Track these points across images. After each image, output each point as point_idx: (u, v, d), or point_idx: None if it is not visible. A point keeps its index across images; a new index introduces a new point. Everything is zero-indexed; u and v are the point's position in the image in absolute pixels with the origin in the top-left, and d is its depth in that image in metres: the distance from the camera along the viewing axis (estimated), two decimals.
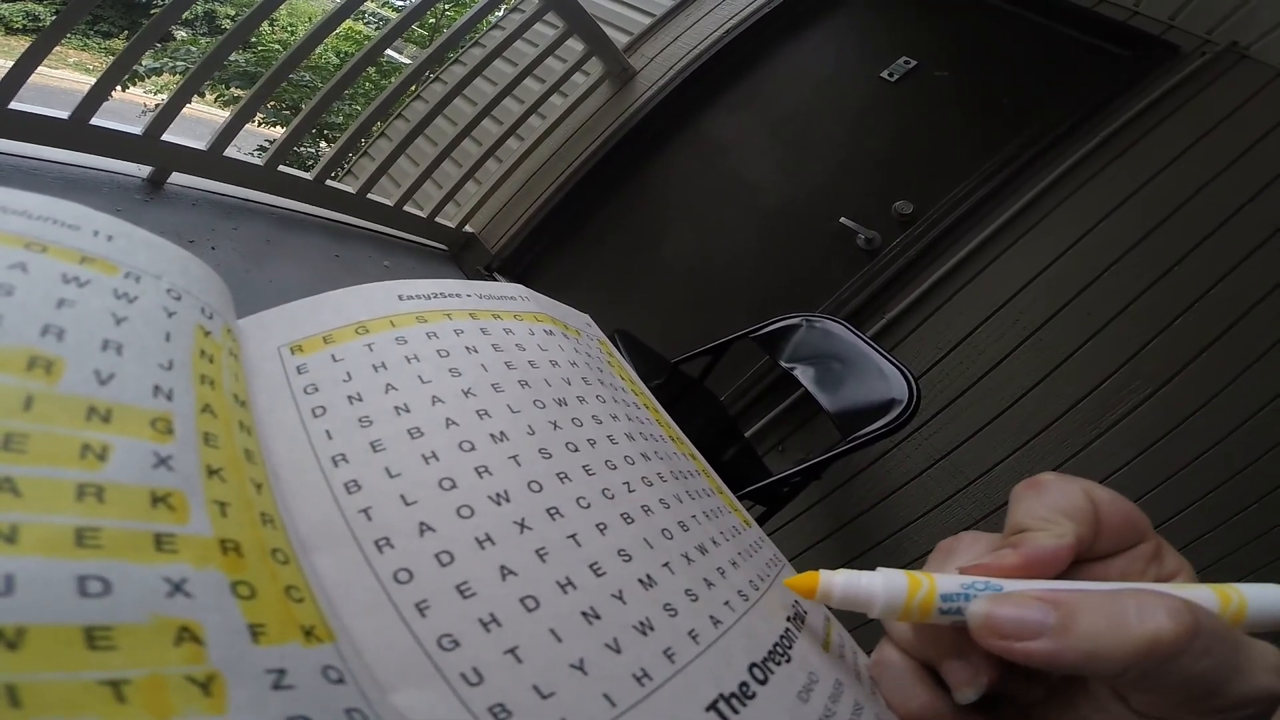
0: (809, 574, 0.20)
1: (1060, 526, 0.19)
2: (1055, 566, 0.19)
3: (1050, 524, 0.19)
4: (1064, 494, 0.20)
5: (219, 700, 0.11)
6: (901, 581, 0.19)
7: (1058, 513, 0.19)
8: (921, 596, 0.18)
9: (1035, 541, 0.19)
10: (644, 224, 2.09)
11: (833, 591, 0.19)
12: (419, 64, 1.94)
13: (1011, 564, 0.18)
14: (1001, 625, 0.17)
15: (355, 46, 5.71)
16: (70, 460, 0.12)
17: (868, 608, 0.19)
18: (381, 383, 0.19)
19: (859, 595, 0.19)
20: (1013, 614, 0.17)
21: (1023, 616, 0.17)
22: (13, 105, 1.32)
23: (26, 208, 0.16)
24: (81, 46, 8.05)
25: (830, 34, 2.02)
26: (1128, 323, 1.36)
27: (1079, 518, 0.19)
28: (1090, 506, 0.19)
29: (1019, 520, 0.20)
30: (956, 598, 0.18)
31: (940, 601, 0.18)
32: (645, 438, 0.23)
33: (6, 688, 0.10)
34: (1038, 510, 0.19)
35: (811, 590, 0.20)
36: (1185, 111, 1.43)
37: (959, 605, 0.18)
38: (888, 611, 0.19)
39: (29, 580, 0.11)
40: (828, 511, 1.54)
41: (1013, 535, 0.20)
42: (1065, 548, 0.19)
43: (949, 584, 0.19)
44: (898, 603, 0.19)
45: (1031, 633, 0.16)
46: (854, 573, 0.20)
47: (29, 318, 0.14)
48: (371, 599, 0.15)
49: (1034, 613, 0.17)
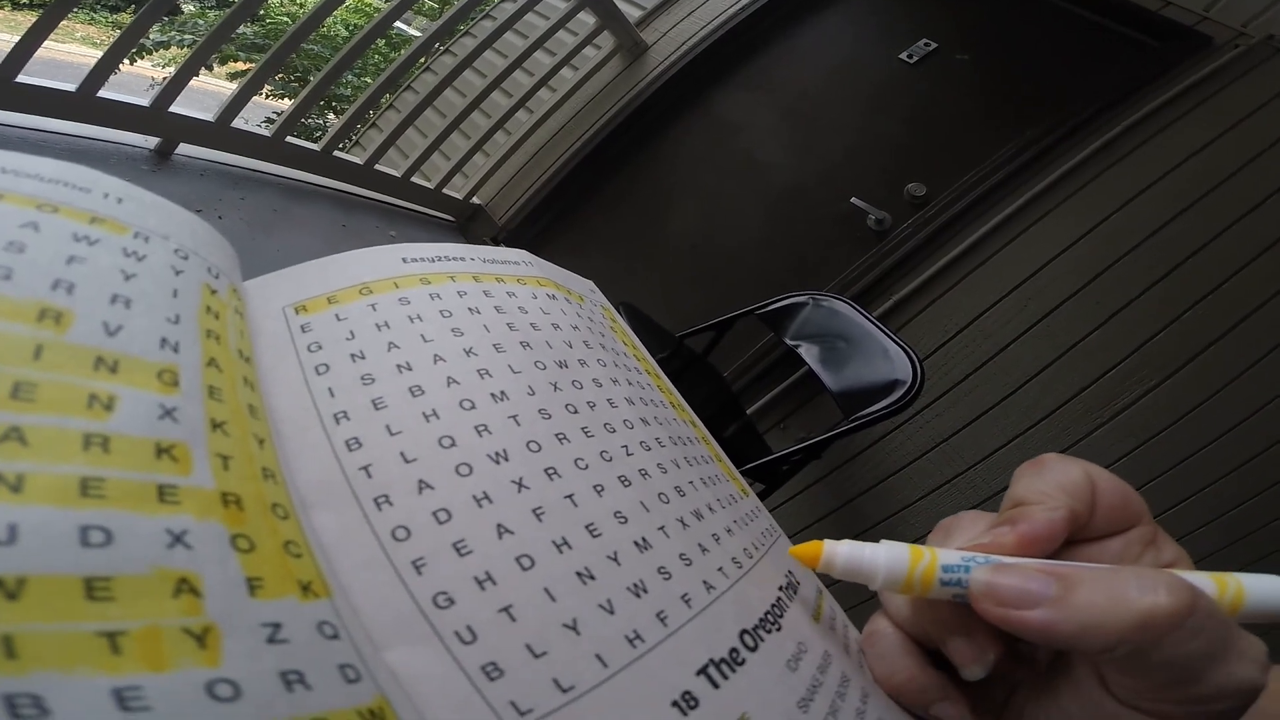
0: (813, 543, 0.20)
1: (1055, 500, 0.19)
2: (1051, 542, 0.19)
3: (1047, 498, 0.19)
4: (1063, 471, 0.20)
5: (214, 652, 0.11)
6: (904, 553, 0.19)
7: (1055, 488, 0.19)
8: (923, 568, 0.19)
9: (1030, 515, 0.19)
10: (651, 199, 2.07)
11: (835, 561, 0.19)
12: (428, 36, 1.92)
13: (1009, 542, 0.19)
14: (1002, 593, 0.17)
15: (364, 19, 5.65)
16: (78, 409, 0.13)
17: (869, 579, 0.19)
18: (384, 341, 0.19)
19: (861, 566, 0.19)
20: (1014, 582, 0.17)
21: (1023, 586, 0.17)
22: (20, 78, 1.32)
23: (39, 171, 0.16)
24: (89, 20, 7.98)
25: (849, 14, 1.98)
26: (1138, 312, 1.35)
27: (1075, 493, 0.19)
28: (1087, 484, 0.20)
29: (1017, 494, 0.20)
30: (957, 569, 0.18)
31: (941, 573, 0.18)
32: (645, 403, 0.23)
33: (4, 638, 0.10)
34: (1036, 486, 0.20)
35: (815, 559, 0.20)
36: (1213, 103, 1.39)
37: (960, 577, 0.18)
38: (889, 583, 0.19)
39: (32, 530, 0.11)
40: (827, 491, 1.54)
41: (1010, 509, 0.20)
42: (1059, 520, 0.19)
43: (950, 557, 0.19)
44: (899, 574, 0.19)
45: (1031, 602, 0.17)
46: (857, 544, 0.20)
47: (40, 272, 0.14)
48: (369, 556, 0.15)
49: (1034, 583, 0.17)
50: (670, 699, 0.16)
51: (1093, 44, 1.60)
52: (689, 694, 0.16)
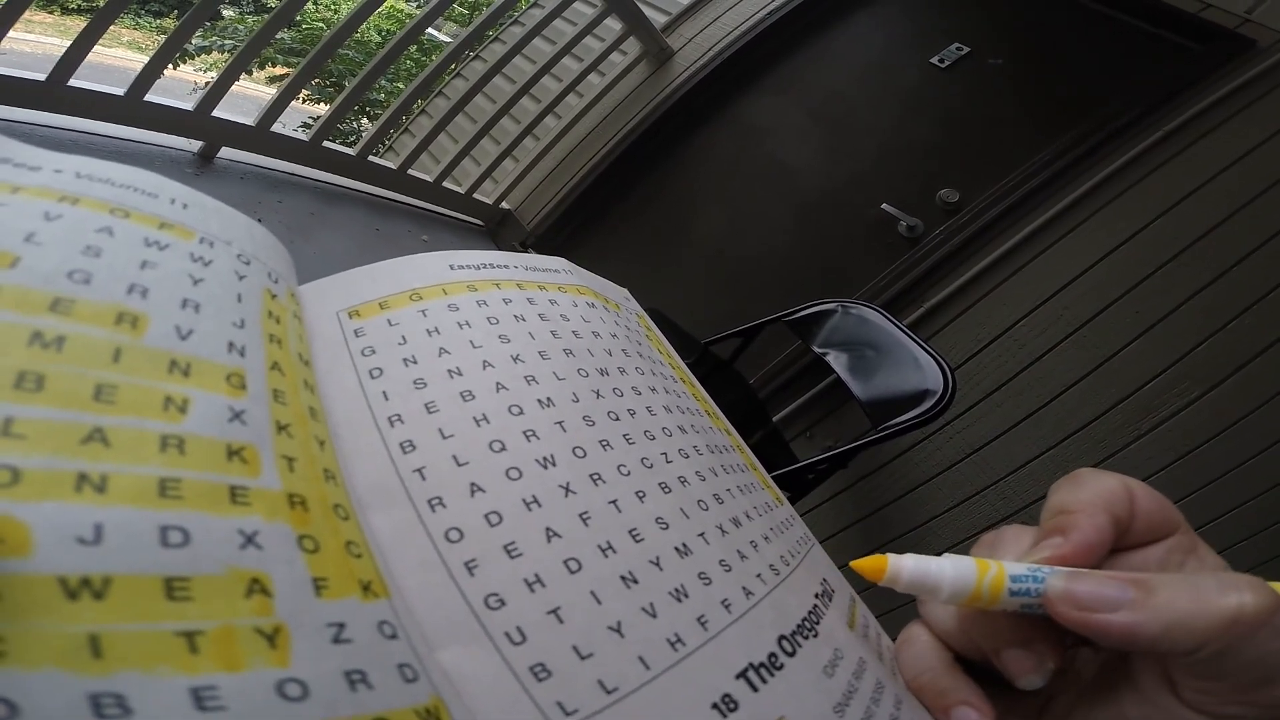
0: (876, 557, 0.20)
1: (1095, 508, 0.19)
2: (1102, 548, 0.19)
3: (1087, 507, 0.19)
4: (1099, 481, 0.20)
5: (283, 652, 0.11)
6: (970, 566, 0.19)
7: (1094, 498, 0.19)
8: (990, 579, 0.18)
9: (1078, 524, 0.19)
10: (678, 205, 2.07)
11: (901, 575, 0.19)
12: (459, 42, 1.95)
13: (1067, 551, 0.19)
14: (1081, 597, 0.17)
15: (397, 25, 5.75)
16: (154, 411, 0.13)
17: (934, 592, 0.19)
18: (435, 346, 0.20)
19: (927, 579, 0.19)
20: (1092, 588, 0.17)
21: (1102, 591, 0.17)
22: (71, 82, 1.37)
23: (110, 176, 0.17)
24: (134, 26, 8.28)
25: (878, 18, 1.97)
26: (1179, 323, 1.31)
27: (1113, 501, 0.19)
28: (1125, 492, 0.20)
29: (1057, 504, 0.20)
30: (1025, 579, 0.18)
31: (1010, 583, 0.18)
32: (682, 411, 0.24)
33: (90, 638, 0.10)
34: (1076, 496, 0.20)
35: (880, 572, 0.20)
36: (1257, 108, 1.35)
37: (1029, 587, 0.18)
38: (954, 595, 0.19)
39: (116, 529, 0.11)
40: (853, 500, 1.52)
41: (1052, 520, 0.20)
42: (1106, 527, 0.19)
43: (1017, 568, 0.19)
44: (967, 586, 0.19)
45: (1111, 605, 0.17)
46: (922, 557, 0.20)
47: (116, 276, 0.15)
48: (424, 557, 0.16)
49: (1112, 588, 0.17)
50: (711, 701, 0.16)
51: (1130, 47, 1.56)
52: (729, 697, 0.16)
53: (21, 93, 1.34)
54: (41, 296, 0.13)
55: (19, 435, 0.11)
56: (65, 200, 0.15)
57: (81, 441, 0.12)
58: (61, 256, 0.14)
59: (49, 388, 0.12)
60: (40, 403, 0.12)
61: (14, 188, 0.15)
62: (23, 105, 1.35)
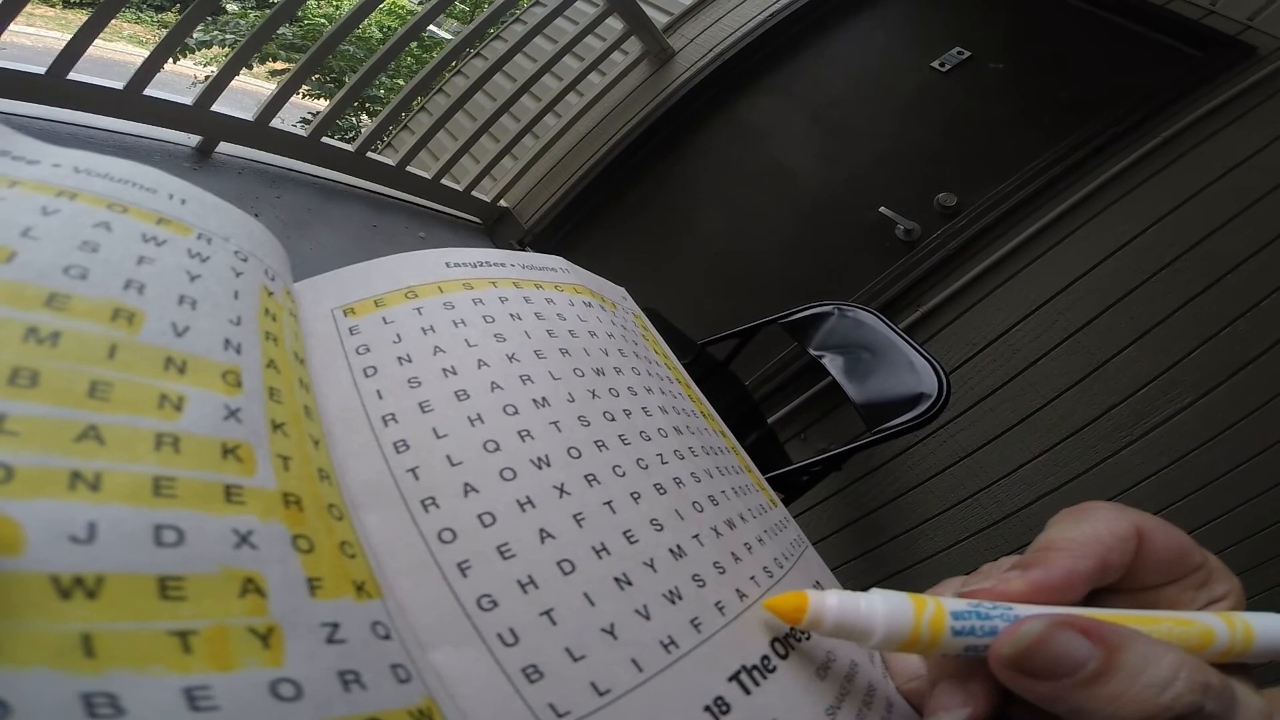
0: (794, 594, 0.18)
1: (1086, 549, 0.18)
2: (1068, 591, 0.17)
3: (1077, 546, 0.18)
4: (1106, 520, 0.18)
5: (277, 652, 0.11)
6: (904, 602, 0.17)
7: (1090, 538, 0.18)
8: (930, 618, 0.16)
9: (1049, 561, 0.18)
10: (677, 205, 2.07)
11: (824, 617, 0.17)
12: (460, 39, 1.95)
13: (1015, 589, 0.17)
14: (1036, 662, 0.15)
15: (398, 21, 5.74)
16: (150, 409, 0.13)
17: (866, 636, 0.17)
18: (430, 345, 0.20)
19: (857, 622, 0.17)
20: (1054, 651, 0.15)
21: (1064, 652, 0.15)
22: (71, 76, 1.36)
23: (109, 171, 0.17)
24: (135, 20, 8.23)
25: (880, 21, 1.97)
26: (1172, 329, 1.31)
27: (1113, 544, 0.18)
28: (1132, 535, 0.18)
29: (1047, 539, 0.18)
30: (968, 615, 0.16)
31: (952, 620, 0.16)
32: (678, 412, 0.24)
33: (83, 637, 0.10)
34: (1070, 533, 0.18)
35: (799, 613, 0.17)
36: (1255, 115, 1.35)
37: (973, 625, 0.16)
38: (889, 639, 0.16)
39: (110, 528, 0.11)
40: (846, 503, 1.53)
41: (1033, 553, 0.18)
42: (1083, 571, 0.17)
43: (958, 605, 0.17)
44: (903, 628, 0.16)
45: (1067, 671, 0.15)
46: (849, 594, 0.17)
47: (113, 272, 0.15)
48: (416, 557, 0.16)
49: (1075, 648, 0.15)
50: (703, 704, 0.16)
51: (1131, 53, 1.56)
52: (721, 699, 0.16)
53: (21, 86, 1.34)
54: (37, 292, 0.13)
55: (12, 432, 0.11)
56: (63, 195, 0.15)
57: (76, 439, 0.12)
58: (58, 251, 0.14)
59: (43, 384, 0.12)
60: (34, 399, 0.12)
61: (11, 181, 0.15)
62: (22, 98, 1.34)
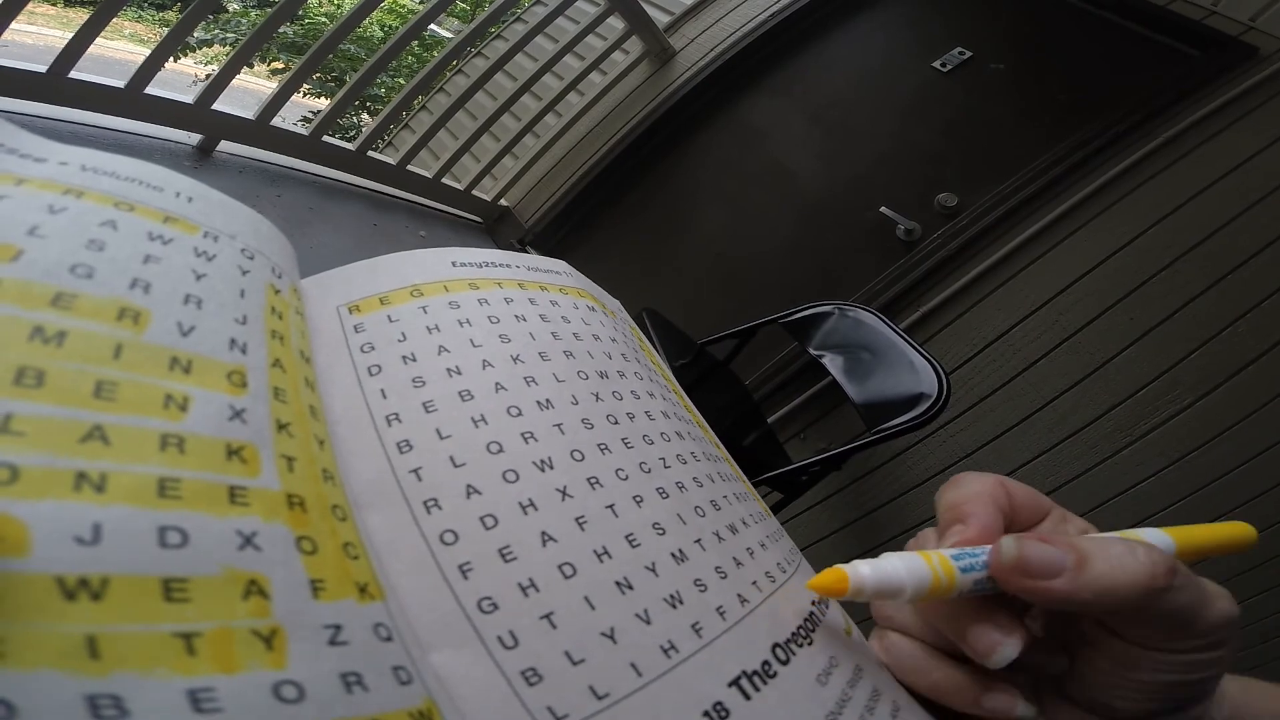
0: (833, 570, 0.19)
1: (981, 501, 0.22)
2: (997, 532, 0.21)
3: (973, 500, 0.22)
4: (978, 481, 0.22)
5: (280, 654, 0.11)
6: (917, 559, 0.19)
7: (975, 495, 0.22)
8: (940, 565, 0.19)
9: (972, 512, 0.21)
10: (677, 205, 2.07)
11: (864, 585, 0.19)
12: (461, 38, 1.95)
13: (972, 534, 0.21)
14: (1031, 563, 0.19)
15: (399, 20, 5.74)
16: (155, 409, 0.13)
17: (899, 593, 0.19)
18: (435, 344, 0.20)
19: (891, 583, 0.19)
20: (1038, 552, 0.19)
21: (1046, 555, 0.18)
22: (72, 74, 1.36)
23: (115, 169, 0.17)
24: (136, 18, 8.23)
25: (881, 21, 1.97)
26: (1173, 330, 1.31)
27: (993, 495, 0.22)
28: (1001, 488, 0.22)
29: (949, 502, 0.22)
30: (963, 556, 0.19)
31: (956, 562, 0.19)
32: (678, 418, 0.24)
33: (88, 639, 0.10)
34: (962, 494, 0.22)
35: (842, 584, 0.19)
36: (1257, 116, 1.35)
37: (971, 562, 0.19)
38: (917, 591, 0.18)
39: (114, 529, 0.11)
40: (845, 503, 1.53)
41: (948, 513, 0.22)
42: (990, 523, 0.21)
43: (950, 552, 0.19)
44: (926, 579, 0.19)
45: (1054, 571, 0.18)
46: (875, 562, 0.19)
47: (119, 271, 0.14)
48: (418, 559, 0.15)
49: (1053, 553, 0.18)
50: (702, 709, 0.16)
51: (1133, 54, 1.56)
52: (720, 705, 0.16)
53: (22, 84, 1.34)
54: (43, 291, 0.13)
55: (18, 432, 0.11)
56: (70, 193, 0.15)
57: (81, 440, 0.12)
58: (65, 250, 0.14)
59: (49, 384, 0.12)
60: (40, 399, 0.12)
61: (18, 179, 0.15)
62: (23, 97, 1.34)
